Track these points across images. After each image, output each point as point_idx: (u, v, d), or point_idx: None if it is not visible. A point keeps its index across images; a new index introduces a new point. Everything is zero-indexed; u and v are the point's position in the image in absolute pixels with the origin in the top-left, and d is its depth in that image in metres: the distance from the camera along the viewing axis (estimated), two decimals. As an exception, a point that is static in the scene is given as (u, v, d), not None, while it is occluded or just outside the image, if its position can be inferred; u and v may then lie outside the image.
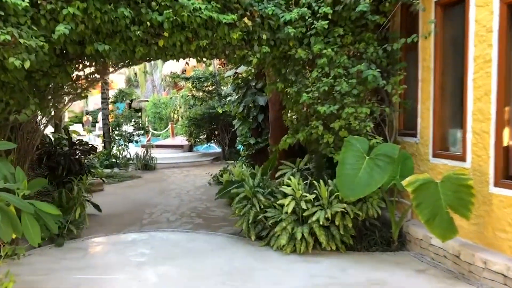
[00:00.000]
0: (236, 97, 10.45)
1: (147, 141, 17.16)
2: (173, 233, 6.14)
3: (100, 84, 13.63)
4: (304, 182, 5.55)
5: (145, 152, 13.61)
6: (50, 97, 5.62)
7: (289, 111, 6.23)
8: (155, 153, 14.15)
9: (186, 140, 16.21)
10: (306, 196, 5.22)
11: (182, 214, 7.33)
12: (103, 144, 13.73)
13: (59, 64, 5.08)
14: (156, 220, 6.96)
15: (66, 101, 6.25)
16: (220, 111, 13.82)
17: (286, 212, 5.17)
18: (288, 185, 5.39)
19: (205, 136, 16.10)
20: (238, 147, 16.54)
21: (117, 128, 13.63)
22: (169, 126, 20.38)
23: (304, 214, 5.15)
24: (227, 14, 5.20)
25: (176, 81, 31.11)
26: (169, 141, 19.08)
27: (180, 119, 26.13)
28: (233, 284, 4.22)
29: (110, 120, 13.61)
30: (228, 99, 10.34)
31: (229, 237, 5.93)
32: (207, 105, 14.70)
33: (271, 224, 5.36)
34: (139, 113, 38.46)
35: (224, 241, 5.75)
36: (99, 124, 21.67)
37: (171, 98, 27.49)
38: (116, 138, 13.71)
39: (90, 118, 28.85)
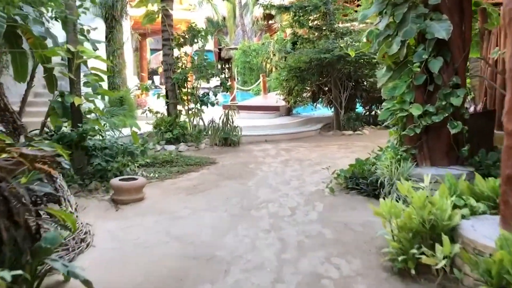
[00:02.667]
0: (383, 24, 5.36)
1: (231, 101, 12.74)
2: None
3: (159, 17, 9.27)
4: None
5: (226, 118, 9.20)
6: None
7: None
8: (241, 117, 9.75)
9: (283, 99, 11.48)
10: None
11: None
12: (166, 107, 9.56)
13: None
14: None
15: None
16: (348, 53, 8.79)
17: None
18: None
19: (309, 93, 11.23)
20: (358, 110, 11.50)
21: (184, 85, 9.30)
22: (261, 79, 15.73)
23: None
24: None
25: (270, 21, 26.15)
26: (259, 100, 14.54)
27: (273, 69, 21.42)
28: None
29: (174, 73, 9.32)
30: (367, 32, 5.43)
31: None
32: (316, 48, 9.69)
33: None
34: (229, 64, 34.68)
35: None
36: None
37: (263, 44, 22.67)
38: (184, 98, 9.42)
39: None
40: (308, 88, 10.84)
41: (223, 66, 38.60)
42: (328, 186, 5.64)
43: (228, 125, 9.16)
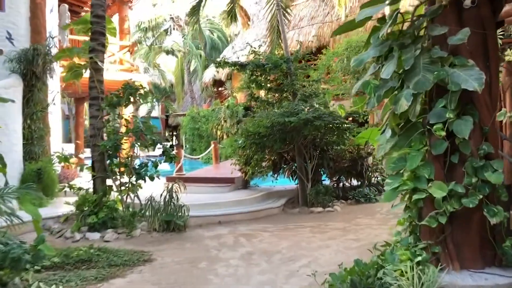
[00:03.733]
0: (389, 72, 3.91)
1: (177, 172, 10.84)
2: None
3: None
4: None
5: (169, 194, 7.27)
6: None
7: None
8: (189, 192, 7.86)
9: (239, 170, 9.77)
10: None
11: None
12: (92, 182, 7.52)
13: None
14: None
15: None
16: (316, 117, 7.36)
17: None
18: None
19: (269, 163, 9.61)
20: (325, 182, 9.97)
21: (116, 154, 7.39)
22: (212, 146, 14.06)
23: None
24: None
25: (220, 88, 24.97)
26: (211, 171, 12.72)
27: (225, 136, 19.94)
28: None
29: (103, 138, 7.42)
30: (361, 84, 4.07)
31: None
32: (278, 110, 8.21)
33: None
34: (177, 131, 32.98)
35: None
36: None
37: (213, 110, 21.36)
38: (116, 171, 7.47)
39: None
40: (267, 157, 9.23)
41: (171, 133, 37.00)
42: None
43: (172, 203, 7.22)
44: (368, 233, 6.72)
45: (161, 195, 7.28)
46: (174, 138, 36.35)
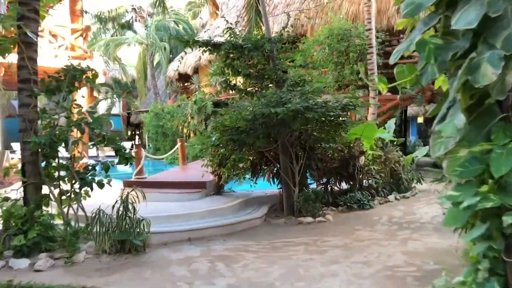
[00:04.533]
0: (464, 23, 2.49)
1: (137, 175, 9.14)
2: None
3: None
4: None
5: (124, 206, 5.63)
6: None
7: None
8: (151, 200, 6.26)
9: (212, 172, 8.24)
10: None
11: None
12: (23, 190, 5.78)
13: None
14: None
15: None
16: (310, 106, 5.92)
17: None
18: None
19: (247, 164, 8.10)
20: (312, 186, 8.56)
21: (55, 154, 5.70)
22: (178, 145, 12.39)
23: None
24: None
25: (186, 83, 22.97)
26: (177, 174, 11.03)
27: (192, 134, 18.31)
28: None
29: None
30: (416, 43, 2.78)
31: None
32: (263, 100, 6.70)
33: None
34: (139, 130, 30.83)
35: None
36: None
37: (179, 106, 19.68)
38: (54, 175, 5.78)
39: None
40: (247, 156, 7.73)
41: (133, 132, 34.71)
42: None
43: (128, 217, 5.60)
44: (378, 253, 5.35)
45: (114, 206, 5.64)
46: (137, 137, 34.14)
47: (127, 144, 27.04)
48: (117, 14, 30.44)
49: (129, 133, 33.58)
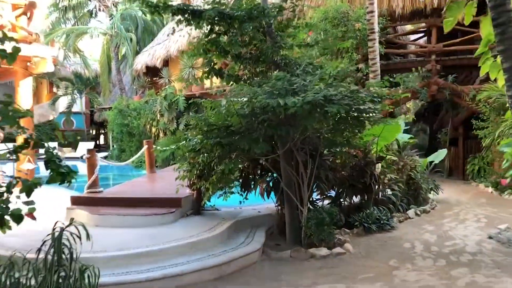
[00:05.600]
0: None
1: (89, 189, 6.97)
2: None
3: None
4: None
5: (56, 245, 3.55)
6: None
7: None
8: (105, 226, 4.22)
9: (189, 185, 6.23)
10: None
11: None
12: None
13: None
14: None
15: None
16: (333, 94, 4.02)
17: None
18: None
19: (237, 174, 6.11)
20: (323, 198, 6.63)
21: None
22: (144, 148, 10.24)
23: None
24: None
25: (154, 77, 20.43)
26: (142, 186, 8.78)
27: (161, 134, 16.17)
28: None
29: None
30: None
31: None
32: (264, 89, 4.72)
33: None
34: (105, 129, 28.12)
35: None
36: None
37: (146, 102, 17.50)
38: None
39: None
40: (236, 163, 5.73)
41: (98, 131, 31.90)
42: None
43: (62, 267, 3.55)
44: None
45: (39, 250, 3.58)
46: (102, 136, 31.37)
47: (89, 145, 24.52)
48: (78, 3, 27.73)
49: (93, 132, 30.93)
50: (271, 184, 6.30)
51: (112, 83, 26.88)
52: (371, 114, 5.13)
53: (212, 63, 5.73)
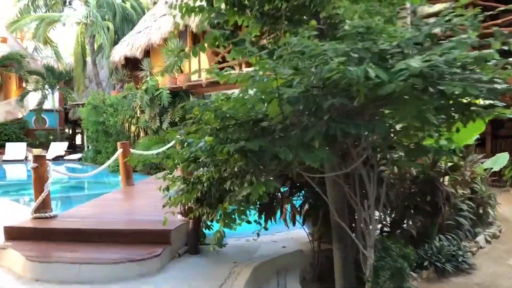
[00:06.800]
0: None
1: (37, 211, 4.77)
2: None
3: None
4: None
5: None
6: None
7: None
8: (54, 281, 2.08)
9: (182, 211, 4.08)
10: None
11: None
12: None
13: None
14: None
15: None
16: None
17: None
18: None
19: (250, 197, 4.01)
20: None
21: None
22: (118, 151, 8.04)
23: None
24: None
25: (134, 71, 17.90)
26: (114, 206, 6.48)
27: (142, 133, 13.95)
28: None
29: None
30: None
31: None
32: (333, 46, 2.62)
33: None
34: (80, 128, 25.49)
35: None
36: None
37: (124, 97, 15.22)
38: None
39: None
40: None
41: (73, 130, 29.17)
42: None
43: None
44: None
45: None
46: (78, 136, 28.67)
47: (63, 145, 22.01)
48: (50, -11, 25.13)
49: (69, 131, 28.33)
50: (307, 206, 4.24)
51: (88, 78, 24.39)
52: (488, 102, 3.09)
53: (224, 20, 3.59)
